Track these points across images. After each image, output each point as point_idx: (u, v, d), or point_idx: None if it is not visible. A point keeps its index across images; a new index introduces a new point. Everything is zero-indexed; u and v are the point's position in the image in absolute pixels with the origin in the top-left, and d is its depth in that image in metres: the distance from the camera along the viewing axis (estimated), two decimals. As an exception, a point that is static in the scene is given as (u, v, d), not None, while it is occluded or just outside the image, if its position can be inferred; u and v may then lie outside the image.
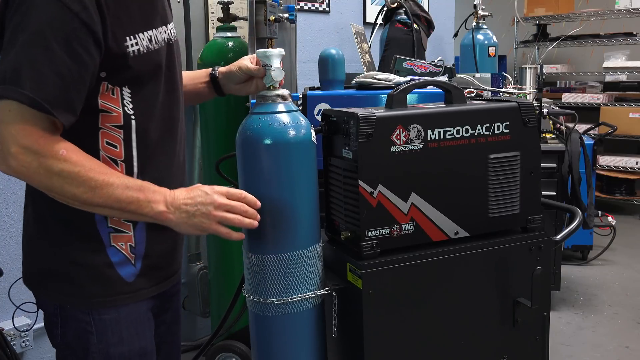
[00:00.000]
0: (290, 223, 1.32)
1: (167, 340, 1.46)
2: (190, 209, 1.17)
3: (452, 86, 1.49)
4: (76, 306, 1.22)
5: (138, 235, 1.25)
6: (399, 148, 1.34)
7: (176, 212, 1.17)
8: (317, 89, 2.14)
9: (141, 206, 1.15)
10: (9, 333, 2.20)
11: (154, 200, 1.16)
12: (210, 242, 2.54)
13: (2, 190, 2.23)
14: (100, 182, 1.11)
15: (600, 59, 5.78)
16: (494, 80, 2.72)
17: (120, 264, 1.23)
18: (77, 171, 1.10)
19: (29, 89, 1.05)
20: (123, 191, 1.13)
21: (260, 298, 1.35)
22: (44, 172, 1.09)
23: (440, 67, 2.17)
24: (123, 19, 1.14)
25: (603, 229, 4.16)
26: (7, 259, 2.25)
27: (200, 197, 1.18)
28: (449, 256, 1.40)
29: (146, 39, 1.19)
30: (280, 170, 1.31)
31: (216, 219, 1.18)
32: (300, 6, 3.12)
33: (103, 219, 1.21)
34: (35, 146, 1.08)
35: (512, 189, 1.46)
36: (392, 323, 1.36)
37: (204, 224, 1.18)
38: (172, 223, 1.18)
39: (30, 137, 1.07)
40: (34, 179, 1.12)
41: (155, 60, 1.23)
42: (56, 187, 1.11)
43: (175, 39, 1.34)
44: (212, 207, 1.17)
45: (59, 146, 1.10)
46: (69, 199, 1.12)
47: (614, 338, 3.09)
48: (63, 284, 1.22)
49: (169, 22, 1.30)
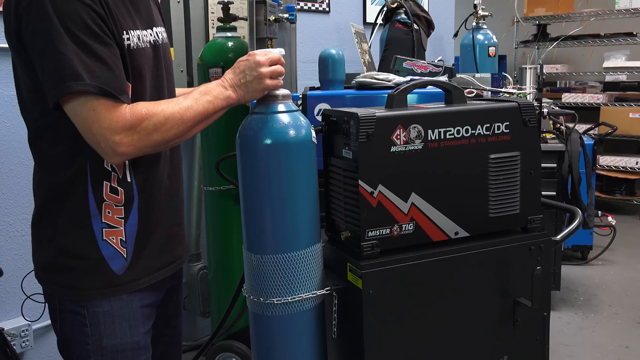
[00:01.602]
0: (290, 223, 1.32)
1: (168, 333, 1.50)
2: (244, 79, 1.30)
3: (452, 86, 1.49)
4: (72, 298, 1.28)
5: (129, 230, 1.29)
6: (399, 148, 1.34)
7: (237, 89, 1.31)
8: (317, 89, 2.14)
9: (216, 104, 1.28)
10: (9, 333, 2.20)
11: (219, 93, 1.29)
12: (210, 242, 2.53)
13: (2, 190, 2.23)
14: (181, 112, 1.22)
15: (600, 59, 5.78)
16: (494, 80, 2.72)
17: (111, 257, 1.28)
18: (163, 118, 1.20)
19: (91, 79, 1.12)
20: (198, 104, 1.25)
21: (260, 298, 1.35)
22: (145, 137, 1.19)
23: (440, 67, 2.17)
24: (117, 15, 1.20)
25: (603, 229, 4.16)
26: (7, 259, 2.25)
27: (245, 65, 1.31)
28: (449, 256, 1.40)
29: (136, 36, 1.25)
30: (280, 170, 1.31)
31: (266, 76, 1.31)
32: (300, 6, 3.11)
33: (98, 214, 1.25)
34: (128, 124, 1.16)
35: (512, 189, 1.46)
36: (392, 323, 1.36)
37: (260, 84, 1.31)
38: (240, 100, 1.31)
39: (119, 120, 1.15)
40: (143, 149, 1.21)
41: (144, 57, 1.28)
42: (161, 140, 1.21)
43: (164, 42, 1.38)
44: (258, 67, 1.30)
45: (138, 109, 1.18)
46: (173, 140, 1.24)
47: (614, 338, 3.08)
48: (59, 277, 1.29)
49: (156, 25, 1.35)
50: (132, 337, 1.32)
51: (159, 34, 1.35)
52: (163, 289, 1.42)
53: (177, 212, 1.43)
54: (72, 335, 1.30)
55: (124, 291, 1.30)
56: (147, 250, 1.33)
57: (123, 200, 1.27)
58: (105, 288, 1.28)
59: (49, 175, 1.27)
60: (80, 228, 1.25)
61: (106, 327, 1.29)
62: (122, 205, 1.27)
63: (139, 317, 1.33)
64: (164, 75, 1.36)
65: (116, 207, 1.27)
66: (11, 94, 2.20)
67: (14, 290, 2.27)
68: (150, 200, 1.32)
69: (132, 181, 1.28)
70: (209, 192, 2.46)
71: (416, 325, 1.38)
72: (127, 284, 1.30)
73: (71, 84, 1.11)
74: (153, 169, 1.32)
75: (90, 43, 1.13)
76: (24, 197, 2.26)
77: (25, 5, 1.13)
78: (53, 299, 1.31)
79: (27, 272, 2.25)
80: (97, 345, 1.29)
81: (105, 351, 1.29)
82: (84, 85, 1.11)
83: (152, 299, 1.38)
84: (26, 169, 2.24)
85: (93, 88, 1.12)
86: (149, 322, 1.37)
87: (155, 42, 1.33)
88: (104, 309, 1.28)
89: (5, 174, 2.23)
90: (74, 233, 1.26)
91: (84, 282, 1.27)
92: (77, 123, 1.16)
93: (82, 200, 1.24)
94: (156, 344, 1.44)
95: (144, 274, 1.33)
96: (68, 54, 1.11)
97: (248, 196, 1.35)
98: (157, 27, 1.35)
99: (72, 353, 1.31)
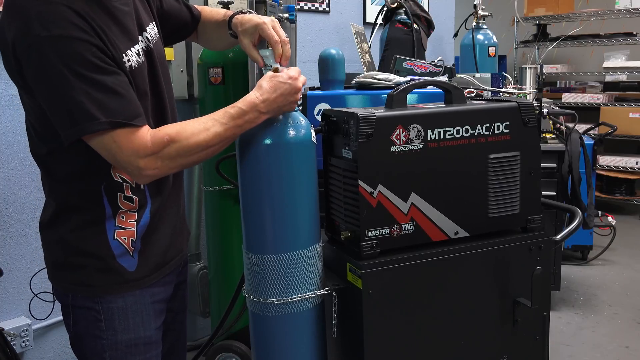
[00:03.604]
0: (290, 223, 1.32)
1: (175, 328, 1.52)
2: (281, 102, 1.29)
3: (452, 86, 1.49)
4: (85, 295, 1.30)
5: (140, 231, 1.31)
6: (399, 148, 1.34)
7: (270, 111, 1.29)
8: (317, 89, 2.14)
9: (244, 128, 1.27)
10: (9, 333, 2.20)
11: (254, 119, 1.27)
12: (210, 242, 2.53)
13: (2, 190, 2.23)
14: (207, 139, 1.22)
15: (600, 59, 5.77)
16: (494, 80, 2.72)
17: (121, 256, 1.30)
18: (186, 144, 1.21)
19: (104, 116, 1.13)
20: (227, 131, 1.24)
21: (260, 298, 1.35)
22: (169, 162, 1.20)
23: (440, 67, 2.17)
24: (113, 40, 1.19)
25: (603, 229, 4.16)
26: (7, 259, 2.25)
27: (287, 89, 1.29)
28: (449, 256, 1.40)
29: (134, 54, 1.24)
30: (280, 170, 1.31)
31: (296, 102, 1.33)
32: (300, 6, 3.11)
33: (112, 219, 1.28)
34: (149, 150, 1.18)
35: (512, 189, 1.46)
36: (392, 323, 1.36)
37: (290, 108, 1.33)
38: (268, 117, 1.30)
39: (140, 145, 1.17)
40: (169, 170, 1.23)
41: (144, 71, 1.28)
42: (186, 163, 1.24)
43: (155, 40, 1.35)
44: (296, 95, 1.31)
45: (160, 135, 1.20)
46: (199, 161, 1.27)
47: (614, 338, 3.09)
48: (72, 275, 1.30)
49: (145, 28, 1.32)
50: (145, 331, 1.34)
51: (150, 34, 1.33)
52: (171, 284, 1.44)
53: (180, 205, 1.46)
54: (87, 331, 1.31)
55: (136, 287, 1.32)
56: (156, 247, 1.35)
57: (137, 207, 1.30)
58: (119, 284, 1.30)
59: (61, 186, 1.29)
60: (93, 230, 1.28)
61: (120, 322, 1.30)
62: (136, 210, 1.30)
63: (151, 313, 1.35)
64: (160, 76, 1.35)
65: (130, 213, 1.29)
66: (11, 94, 2.20)
67: (14, 290, 2.27)
68: (160, 201, 1.34)
69: (145, 188, 1.31)
70: (209, 192, 2.46)
71: (416, 325, 1.38)
72: (139, 281, 1.32)
73: (85, 126, 1.12)
74: None
75: (96, 78, 1.13)
76: (24, 197, 2.26)
77: (24, 49, 1.12)
78: (66, 297, 1.32)
79: (27, 272, 2.26)
80: (111, 340, 1.30)
81: (119, 345, 1.31)
82: (99, 125, 1.12)
83: (163, 295, 1.40)
84: (26, 169, 2.24)
85: (108, 125, 1.13)
86: (160, 317, 1.40)
87: (147, 47, 1.31)
88: (118, 304, 1.30)
89: (5, 174, 2.23)
90: (86, 233, 1.28)
91: (98, 279, 1.29)
92: (102, 154, 1.19)
93: (98, 210, 1.27)
94: (164, 339, 1.46)
95: (153, 269, 1.35)
96: (77, 97, 1.11)
97: (248, 196, 1.35)
98: (147, 27, 1.33)
99: (86, 348, 1.33)
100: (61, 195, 1.29)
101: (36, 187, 1.40)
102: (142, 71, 1.27)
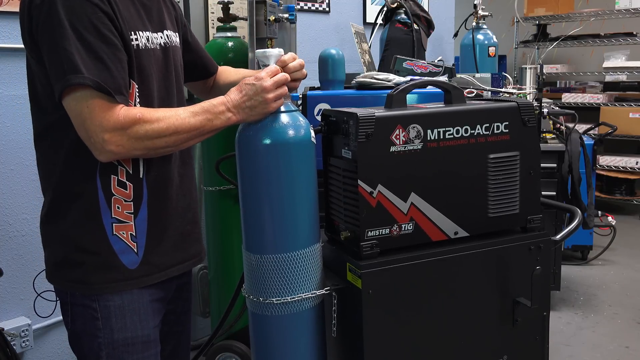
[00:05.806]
0: (289, 223, 1.32)
1: (177, 329, 1.52)
2: (249, 103, 1.29)
3: (452, 86, 1.49)
4: (83, 293, 1.30)
5: (139, 225, 1.31)
6: (398, 148, 1.34)
7: (240, 112, 1.29)
8: (317, 89, 2.14)
9: (214, 123, 1.28)
10: (9, 333, 2.20)
11: (220, 112, 1.28)
12: (210, 242, 2.53)
13: (2, 190, 2.23)
14: (176, 124, 1.23)
15: (600, 59, 5.78)
16: (494, 80, 2.72)
17: (121, 252, 1.30)
18: (157, 127, 1.22)
19: (88, 74, 1.15)
20: (195, 119, 1.25)
21: (260, 298, 1.35)
22: (135, 141, 1.20)
23: (440, 67, 2.17)
24: (125, 16, 1.24)
25: (603, 229, 4.16)
26: (7, 259, 2.25)
27: (251, 89, 1.29)
28: (449, 256, 1.40)
29: (144, 37, 1.29)
30: (279, 170, 1.31)
31: (272, 100, 1.30)
32: (300, 6, 3.11)
33: (107, 209, 1.28)
34: (118, 124, 1.18)
35: (511, 188, 1.46)
36: (391, 323, 1.36)
37: (265, 109, 1.30)
38: (241, 121, 1.31)
39: (111, 119, 1.18)
40: (132, 151, 1.22)
41: (152, 57, 1.31)
42: (151, 146, 1.23)
43: (175, 45, 1.41)
44: (264, 94, 1.28)
45: (132, 112, 1.20)
46: (164, 149, 1.26)
47: (614, 338, 3.09)
48: (70, 272, 1.31)
49: (167, 29, 1.39)
50: (143, 330, 1.34)
51: (169, 36, 1.39)
52: (173, 285, 1.44)
53: (190, 210, 1.45)
54: (84, 329, 1.32)
55: (135, 286, 1.32)
56: (161, 247, 1.35)
57: (132, 196, 1.30)
58: (117, 282, 1.30)
59: (56, 169, 1.29)
60: (91, 223, 1.28)
61: (117, 320, 1.31)
62: (132, 200, 1.30)
63: (149, 312, 1.35)
64: (173, 76, 1.39)
65: (125, 203, 1.29)
66: (11, 94, 2.20)
67: (14, 290, 2.28)
68: (160, 197, 1.34)
69: (143, 178, 1.31)
70: (209, 192, 2.46)
71: (416, 325, 1.39)
72: (139, 279, 1.32)
73: (70, 77, 1.15)
74: (164, 166, 1.35)
75: (92, 42, 1.17)
76: (24, 197, 2.27)
77: (38, 4, 1.18)
78: (65, 294, 1.33)
79: (27, 272, 2.26)
80: (108, 339, 1.31)
81: (116, 344, 1.31)
82: (82, 78, 1.15)
83: (162, 294, 1.40)
84: (26, 169, 2.24)
85: (90, 82, 1.15)
86: (159, 316, 1.40)
87: (166, 44, 1.37)
88: (115, 302, 1.30)
89: (5, 174, 2.23)
90: (84, 228, 1.28)
91: (95, 277, 1.29)
92: (72, 118, 1.20)
93: (91, 194, 1.27)
94: (166, 340, 1.46)
95: (155, 270, 1.35)
96: (70, 49, 1.15)
97: (247, 196, 1.35)
98: (167, 31, 1.39)
99: (83, 346, 1.33)
100: (57, 180, 1.29)
101: (36, 187, 1.40)
102: (151, 56, 1.30)
